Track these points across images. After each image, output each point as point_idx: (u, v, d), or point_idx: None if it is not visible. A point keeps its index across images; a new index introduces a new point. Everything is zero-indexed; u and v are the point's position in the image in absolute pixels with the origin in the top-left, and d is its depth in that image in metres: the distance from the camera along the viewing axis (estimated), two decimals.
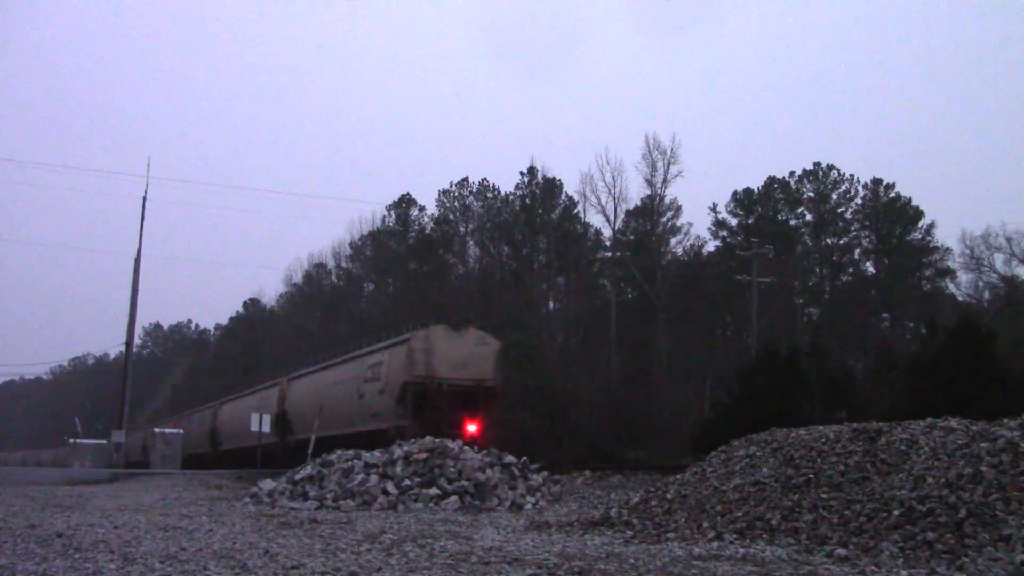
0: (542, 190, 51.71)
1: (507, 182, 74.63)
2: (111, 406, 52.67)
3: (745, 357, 34.20)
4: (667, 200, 47.68)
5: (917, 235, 51.00)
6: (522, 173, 52.31)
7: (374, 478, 17.09)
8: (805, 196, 53.05)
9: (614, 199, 46.80)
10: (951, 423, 11.63)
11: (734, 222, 53.34)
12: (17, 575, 7.41)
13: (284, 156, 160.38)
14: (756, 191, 53.49)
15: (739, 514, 10.58)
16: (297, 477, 18.28)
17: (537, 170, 51.79)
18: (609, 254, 51.71)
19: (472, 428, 21.50)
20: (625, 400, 41.12)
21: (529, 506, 16.72)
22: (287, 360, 54.08)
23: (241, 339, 72.15)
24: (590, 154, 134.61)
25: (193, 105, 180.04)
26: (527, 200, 52.06)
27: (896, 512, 9.16)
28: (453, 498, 16.36)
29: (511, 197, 52.91)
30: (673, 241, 49.65)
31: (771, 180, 53.46)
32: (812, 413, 20.36)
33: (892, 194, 51.89)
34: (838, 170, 52.73)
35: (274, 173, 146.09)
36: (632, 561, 8.39)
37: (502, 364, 24.68)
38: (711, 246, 52.73)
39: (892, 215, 51.32)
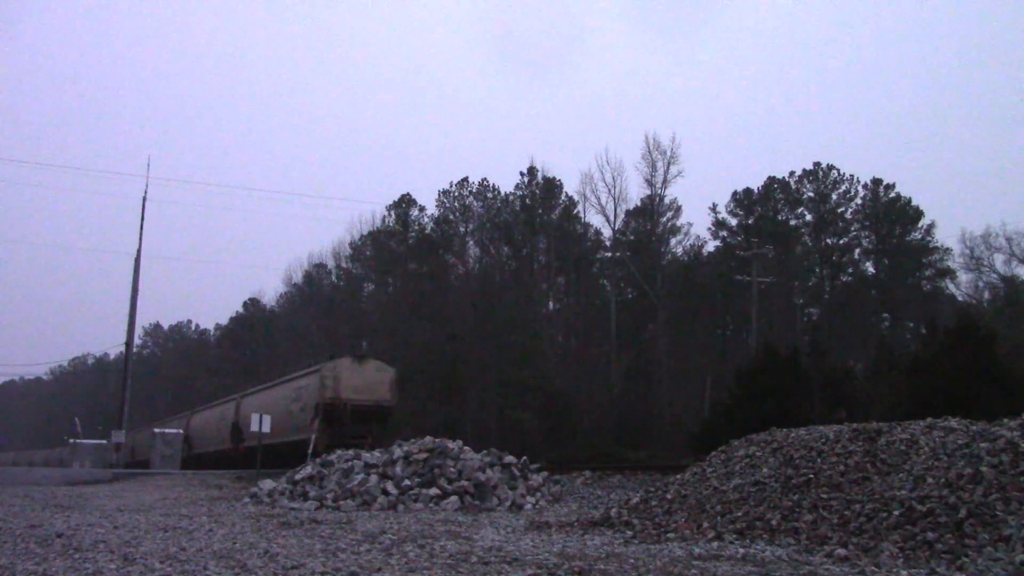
0: (542, 190, 51.72)
1: (507, 182, 74.67)
2: (111, 406, 52.73)
3: (745, 357, 34.21)
4: (667, 200, 47.81)
5: (917, 235, 51.01)
6: (522, 173, 52.39)
7: (374, 478, 17.09)
8: (805, 196, 53.05)
9: (614, 199, 46.93)
10: (951, 423, 11.63)
11: (734, 222, 53.35)
12: (17, 575, 7.41)
13: (284, 156, 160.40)
14: (756, 191, 53.51)
15: (739, 514, 10.58)
16: (297, 477, 18.28)
17: (537, 170, 51.89)
18: (609, 254, 51.74)
19: (369, 439, 25.56)
20: (625, 400, 41.22)
21: (529, 506, 16.72)
22: (287, 360, 54.18)
23: (241, 339, 72.15)
24: (590, 154, 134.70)
25: (193, 105, 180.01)
26: (527, 200, 52.07)
27: (896, 512, 9.16)
28: (453, 498, 16.36)
29: (511, 197, 52.93)
30: (673, 241, 49.76)
31: (771, 180, 53.47)
32: (812, 413, 20.39)
33: (892, 194, 51.90)
34: (838, 170, 52.77)
35: (274, 173, 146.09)
36: (632, 561, 8.39)
37: (396, 388, 29.21)
38: (711, 246, 52.83)
39: (892, 215, 51.32)
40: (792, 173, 53.32)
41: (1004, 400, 16.40)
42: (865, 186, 52.43)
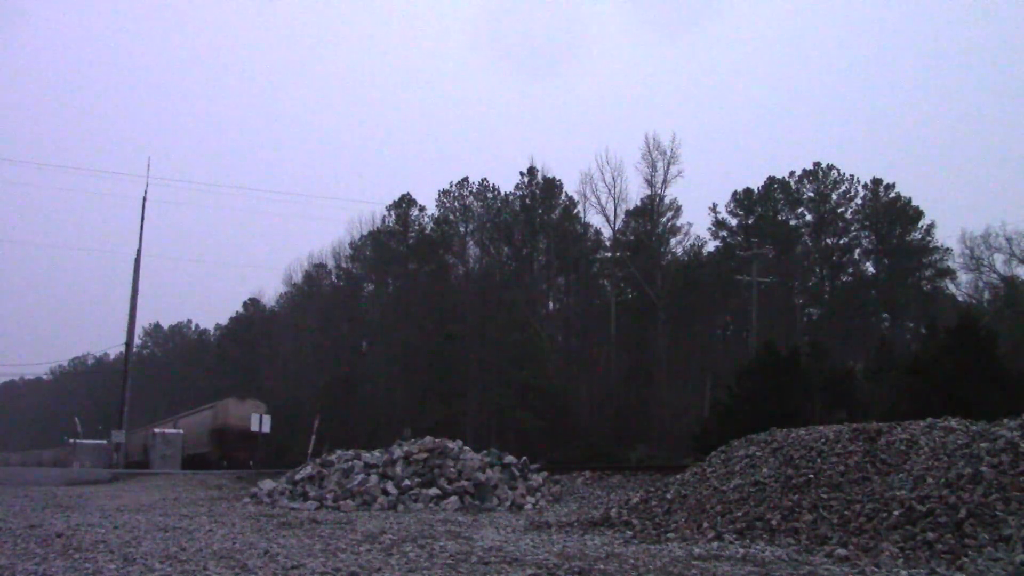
0: (542, 190, 51.68)
1: (507, 182, 74.53)
2: (111, 406, 52.82)
3: (745, 357, 34.19)
4: (667, 200, 47.73)
5: (917, 235, 50.96)
6: (522, 173, 52.36)
7: (374, 478, 17.10)
8: (805, 196, 53.02)
9: (614, 199, 46.89)
10: (951, 423, 11.63)
11: (734, 222, 53.32)
12: (17, 575, 7.41)
13: (284, 156, 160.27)
14: (756, 191, 53.47)
15: (739, 514, 10.58)
16: (297, 477, 18.28)
17: (537, 170, 51.84)
18: (609, 254, 51.68)
19: (245, 453, 36.09)
20: (625, 400, 41.18)
21: (529, 506, 16.72)
22: (287, 360, 54.24)
23: (241, 339, 72.08)
24: (590, 154, 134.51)
25: (193, 105, 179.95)
26: (527, 200, 52.03)
27: (896, 512, 9.16)
28: (453, 498, 16.36)
29: (511, 197, 52.89)
30: (673, 241, 49.67)
31: (771, 180, 53.44)
32: (812, 413, 20.37)
33: (892, 194, 51.87)
34: (838, 170, 52.75)
35: (274, 173, 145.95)
36: (632, 561, 8.39)
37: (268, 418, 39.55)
38: (711, 246, 52.75)
39: (892, 215, 51.28)
40: (792, 173, 53.33)
41: (1004, 400, 16.39)
42: (865, 186, 52.42)
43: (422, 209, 56.38)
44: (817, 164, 53.09)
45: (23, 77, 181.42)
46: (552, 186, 51.92)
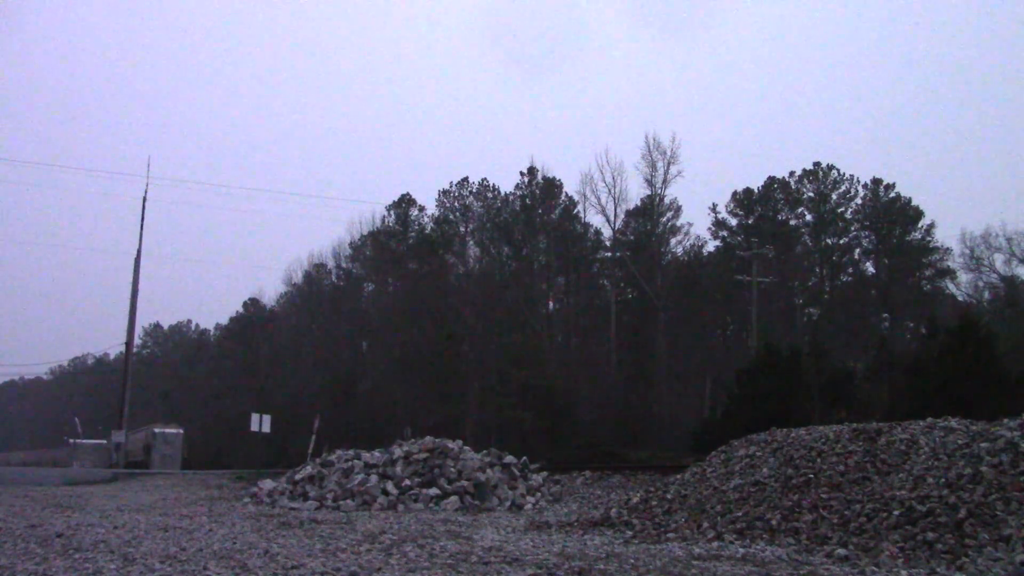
0: (542, 190, 51.64)
1: (507, 182, 74.45)
2: (111, 406, 52.99)
3: (745, 357, 34.18)
4: (667, 200, 47.70)
5: (917, 235, 50.90)
6: (522, 173, 52.31)
7: (374, 478, 17.10)
8: (805, 196, 52.99)
9: (614, 199, 46.86)
10: (951, 423, 11.63)
11: (734, 222, 53.28)
12: (17, 575, 7.41)
13: (284, 156, 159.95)
14: (756, 191, 53.45)
15: (739, 514, 10.58)
16: (297, 477, 18.29)
17: (537, 170, 51.77)
18: (609, 254, 51.68)
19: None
20: (625, 400, 41.17)
21: (529, 506, 16.72)
22: (287, 360, 54.24)
23: (241, 339, 72.06)
24: (590, 154, 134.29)
25: (193, 105, 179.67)
26: (527, 200, 52.00)
27: (896, 512, 9.16)
28: (453, 498, 16.37)
29: (511, 197, 52.85)
30: (673, 241, 49.64)
31: (771, 180, 53.40)
32: (812, 413, 20.37)
33: (892, 194, 51.83)
34: (838, 170, 52.69)
35: (274, 173, 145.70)
36: (632, 561, 8.39)
37: (184, 435, 46.73)
38: (711, 246, 52.71)
39: (892, 215, 51.24)
40: (792, 173, 53.27)
41: (1004, 400, 16.40)
42: (865, 186, 52.36)
43: (422, 209, 56.38)
44: (817, 164, 53.08)
45: (23, 77, 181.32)
46: (552, 186, 51.89)
